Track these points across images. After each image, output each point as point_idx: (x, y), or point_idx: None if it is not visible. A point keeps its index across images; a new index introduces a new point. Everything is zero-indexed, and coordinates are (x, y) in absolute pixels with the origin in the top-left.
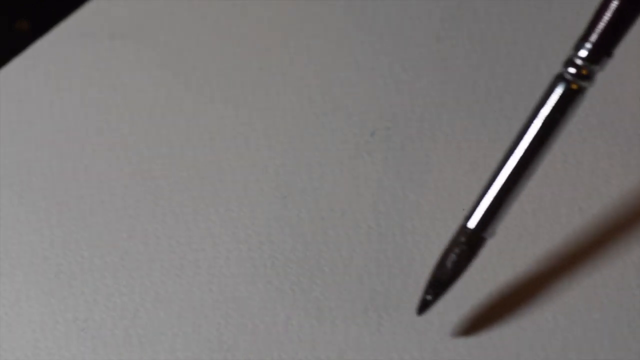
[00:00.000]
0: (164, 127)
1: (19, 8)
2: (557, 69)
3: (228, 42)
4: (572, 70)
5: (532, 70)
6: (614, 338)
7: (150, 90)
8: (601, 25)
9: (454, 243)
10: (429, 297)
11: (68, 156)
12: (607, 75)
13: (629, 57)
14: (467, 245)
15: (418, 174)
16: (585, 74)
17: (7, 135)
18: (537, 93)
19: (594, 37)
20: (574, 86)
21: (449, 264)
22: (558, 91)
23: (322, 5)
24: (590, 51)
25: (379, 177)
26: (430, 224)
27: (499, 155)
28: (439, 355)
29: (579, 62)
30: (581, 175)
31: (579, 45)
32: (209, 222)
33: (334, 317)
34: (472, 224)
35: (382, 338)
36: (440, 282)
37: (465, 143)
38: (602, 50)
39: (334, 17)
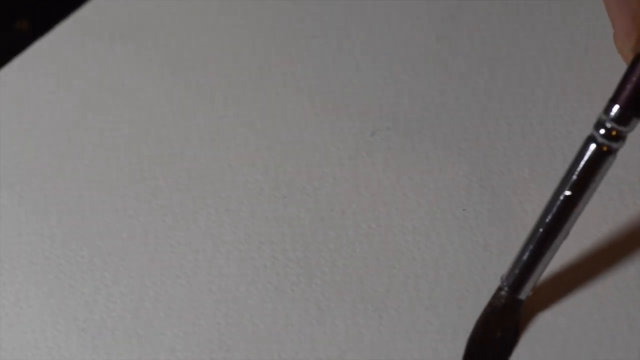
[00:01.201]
0: (164, 127)
1: (19, 8)
2: (557, 69)
3: (228, 42)
4: (602, 131)
5: (532, 70)
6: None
7: (150, 90)
8: (630, 87)
9: (491, 306)
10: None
11: (68, 156)
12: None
13: None
14: (505, 308)
15: (418, 174)
16: (615, 135)
17: (7, 135)
18: (536, 93)
19: (623, 99)
20: (605, 148)
21: (489, 326)
22: (589, 153)
23: (322, 5)
24: (620, 113)
25: (379, 177)
26: (430, 224)
27: (499, 156)
28: (439, 355)
29: (609, 124)
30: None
31: (608, 108)
32: (209, 222)
33: (334, 317)
34: (509, 288)
35: (382, 338)
36: (480, 344)
37: (465, 143)
38: (632, 112)
39: (334, 17)
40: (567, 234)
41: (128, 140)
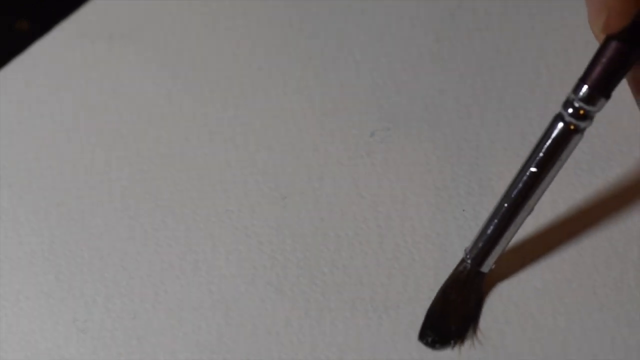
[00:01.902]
0: (164, 127)
1: (19, 8)
2: (557, 69)
3: (228, 42)
4: (570, 110)
5: (531, 70)
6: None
7: (149, 90)
8: (599, 68)
9: (452, 278)
10: (429, 335)
11: (68, 156)
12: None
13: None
14: (466, 280)
15: (418, 174)
16: (583, 115)
17: (7, 135)
18: (536, 93)
19: (592, 79)
20: (572, 126)
21: (450, 297)
22: (556, 131)
23: (322, 5)
24: (588, 93)
25: (379, 177)
26: (430, 224)
27: (499, 156)
28: (439, 355)
29: (577, 103)
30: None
31: (577, 87)
32: (209, 222)
33: (334, 317)
34: (472, 260)
35: (382, 338)
36: (441, 315)
37: (465, 143)
38: (600, 93)
39: (334, 17)
40: (532, 209)
41: (128, 140)
